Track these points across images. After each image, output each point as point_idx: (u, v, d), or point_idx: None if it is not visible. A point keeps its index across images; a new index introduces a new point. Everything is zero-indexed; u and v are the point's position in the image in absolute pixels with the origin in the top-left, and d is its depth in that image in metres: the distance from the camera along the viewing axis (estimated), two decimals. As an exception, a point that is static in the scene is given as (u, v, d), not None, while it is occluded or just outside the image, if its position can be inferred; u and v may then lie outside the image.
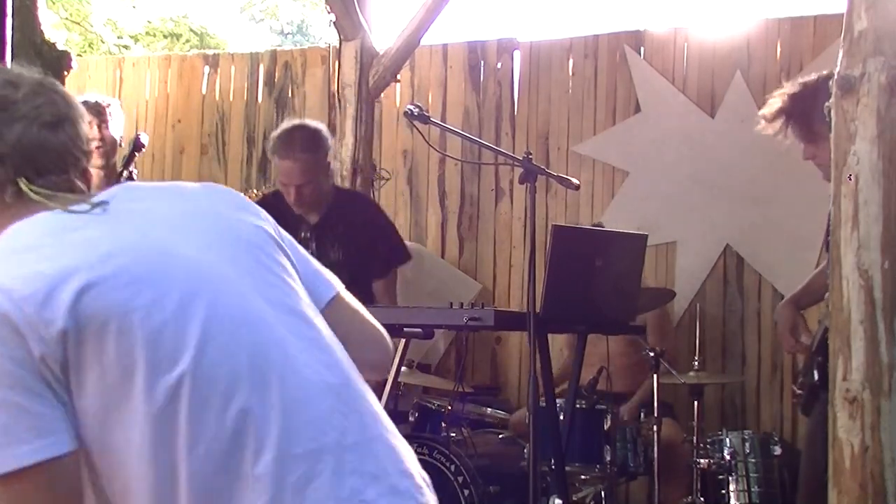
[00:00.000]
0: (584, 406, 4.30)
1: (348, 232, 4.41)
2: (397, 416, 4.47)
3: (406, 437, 3.72)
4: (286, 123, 4.49)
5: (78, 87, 6.62)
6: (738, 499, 4.40)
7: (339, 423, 1.46)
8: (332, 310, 1.67)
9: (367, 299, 3.87)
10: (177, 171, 6.42)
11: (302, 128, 4.40)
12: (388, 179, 5.64)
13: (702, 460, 4.42)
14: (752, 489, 4.40)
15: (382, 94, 5.47)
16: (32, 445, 1.31)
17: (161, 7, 11.93)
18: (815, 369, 3.42)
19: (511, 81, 5.99)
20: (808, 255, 5.16)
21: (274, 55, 6.51)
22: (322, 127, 4.45)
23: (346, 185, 5.07)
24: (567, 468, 4.00)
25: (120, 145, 4.68)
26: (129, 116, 6.66)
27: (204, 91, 6.50)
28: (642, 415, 4.60)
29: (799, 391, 3.66)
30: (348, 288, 1.77)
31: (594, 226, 5.19)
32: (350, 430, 1.47)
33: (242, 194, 1.75)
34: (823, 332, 3.30)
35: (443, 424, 4.31)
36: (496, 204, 5.92)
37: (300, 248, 1.70)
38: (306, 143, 4.32)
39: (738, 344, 5.44)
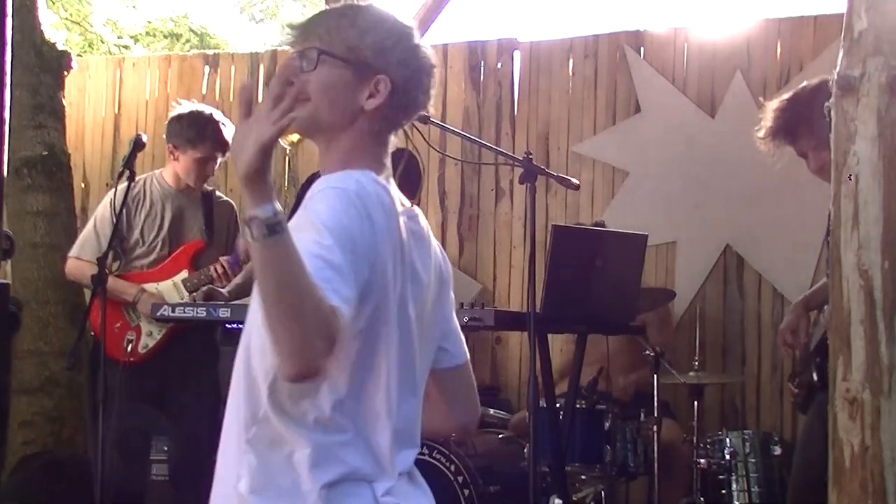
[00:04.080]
0: (584, 406, 4.30)
1: None
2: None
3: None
4: None
5: (78, 87, 6.62)
6: (738, 499, 4.40)
7: None
8: (461, 372, 2.08)
9: None
10: (177, 171, 6.41)
11: None
12: (388, 179, 5.64)
13: (702, 460, 4.42)
14: (752, 489, 4.40)
15: (382, 94, 5.47)
16: None
17: (161, 7, 11.95)
18: (814, 370, 3.43)
19: (511, 81, 5.98)
20: (808, 255, 5.16)
21: (274, 55, 6.50)
22: None
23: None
24: (567, 468, 4.00)
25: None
26: (129, 116, 6.68)
27: (204, 91, 6.50)
28: (642, 415, 4.60)
29: (796, 389, 3.68)
30: None
31: (595, 224, 5.19)
32: None
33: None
34: (823, 333, 3.31)
35: (443, 424, 4.30)
36: (496, 204, 5.92)
37: (451, 306, 2.07)
38: None
39: (738, 344, 5.43)
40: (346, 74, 1.86)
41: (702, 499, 4.41)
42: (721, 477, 4.43)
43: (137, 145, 4.17)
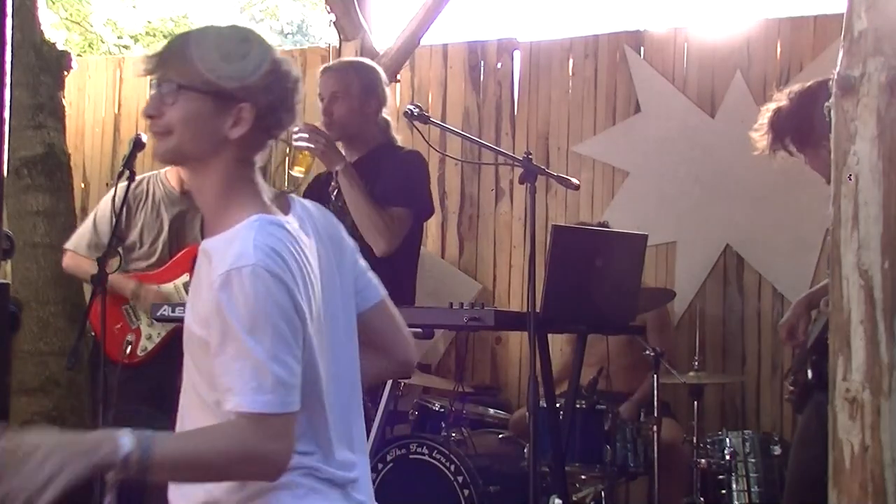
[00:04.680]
0: (584, 406, 4.30)
1: (375, 180, 3.99)
2: (397, 416, 4.46)
3: (406, 437, 3.79)
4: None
5: (78, 87, 6.62)
6: (738, 499, 4.40)
7: None
8: (380, 309, 2.08)
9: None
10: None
11: (355, 60, 4.51)
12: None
13: (702, 460, 4.42)
14: (752, 489, 4.40)
15: (382, 94, 5.46)
16: None
17: (161, 7, 11.93)
18: (810, 368, 3.44)
19: (511, 81, 5.98)
20: (808, 255, 5.17)
21: (274, 55, 6.50)
22: (378, 69, 4.22)
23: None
24: (567, 468, 4.00)
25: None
26: (129, 116, 6.68)
27: (204, 91, 6.49)
28: (642, 415, 4.60)
29: (791, 388, 3.68)
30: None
31: (599, 224, 5.20)
32: None
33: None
34: (821, 332, 3.32)
35: (443, 424, 4.31)
36: (496, 204, 5.92)
37: (359, 256, 2.07)
38: (349, 62, 4.29)
39: (738, 344, 5.43)
40: (206, 105, 1.84)
41: (702, 499, 4.41)
42: (721, 477, 4.43)
43: (137, 145, 4.17)
